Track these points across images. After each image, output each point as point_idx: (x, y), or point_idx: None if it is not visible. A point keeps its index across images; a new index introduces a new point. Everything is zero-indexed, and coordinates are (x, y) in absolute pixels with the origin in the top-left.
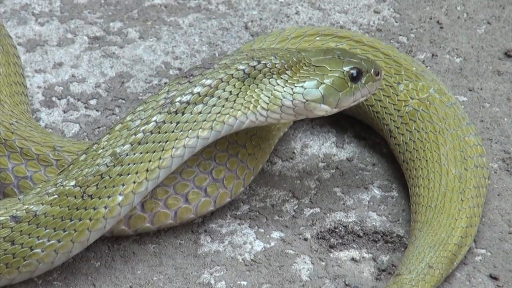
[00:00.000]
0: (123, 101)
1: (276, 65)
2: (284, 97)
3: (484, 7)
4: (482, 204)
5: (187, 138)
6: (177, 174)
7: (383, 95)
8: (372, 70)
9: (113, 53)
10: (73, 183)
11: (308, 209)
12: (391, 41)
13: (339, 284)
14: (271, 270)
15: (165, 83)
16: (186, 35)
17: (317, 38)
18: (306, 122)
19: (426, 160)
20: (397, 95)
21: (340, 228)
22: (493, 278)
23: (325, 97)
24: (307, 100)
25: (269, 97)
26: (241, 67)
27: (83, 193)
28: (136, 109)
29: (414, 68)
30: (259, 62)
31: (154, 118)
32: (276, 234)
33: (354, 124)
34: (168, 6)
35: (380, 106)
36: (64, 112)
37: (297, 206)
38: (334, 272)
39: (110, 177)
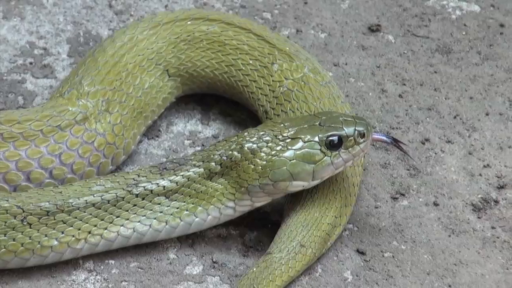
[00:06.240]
0: None
1: (244, 154)
2: (250, 183)
3: None
4: (358, 183)
5: (138, 223)
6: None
7: (258, 76)
8: (356, 133)
9: None
10: (19, 204)
11: None
12: (255, 17)
13: (207, 261)
14: (139, 249)
15: (140, 168)
16: (50, 15)
17: (188, 23)
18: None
19: None
20: (271, 76)
21: None
22: (360, 252)
23: (294, 174)
24: (274, 181)
25: (235, 187)
26: (211, 164)
27: (24, 218)
28: (108, 175)
29: (288, 48)
30: (227, 157)
31: (115, 191)
32: None
33: (219, 100)
34: None
35: (255, 87)
36: None
37: None
38: (201, 250)
39: (55, 219)
